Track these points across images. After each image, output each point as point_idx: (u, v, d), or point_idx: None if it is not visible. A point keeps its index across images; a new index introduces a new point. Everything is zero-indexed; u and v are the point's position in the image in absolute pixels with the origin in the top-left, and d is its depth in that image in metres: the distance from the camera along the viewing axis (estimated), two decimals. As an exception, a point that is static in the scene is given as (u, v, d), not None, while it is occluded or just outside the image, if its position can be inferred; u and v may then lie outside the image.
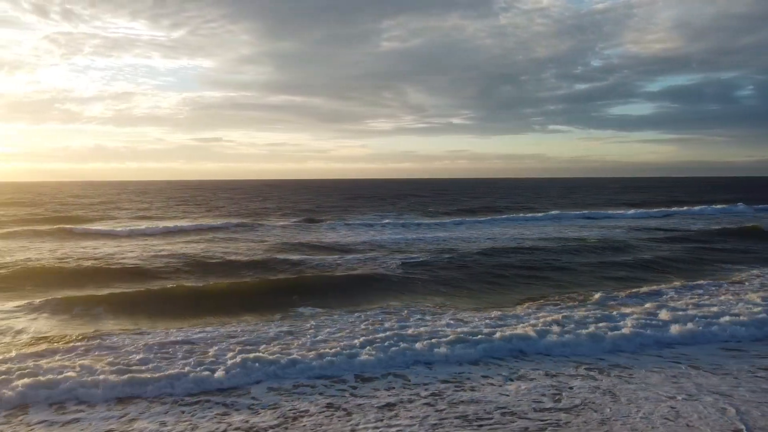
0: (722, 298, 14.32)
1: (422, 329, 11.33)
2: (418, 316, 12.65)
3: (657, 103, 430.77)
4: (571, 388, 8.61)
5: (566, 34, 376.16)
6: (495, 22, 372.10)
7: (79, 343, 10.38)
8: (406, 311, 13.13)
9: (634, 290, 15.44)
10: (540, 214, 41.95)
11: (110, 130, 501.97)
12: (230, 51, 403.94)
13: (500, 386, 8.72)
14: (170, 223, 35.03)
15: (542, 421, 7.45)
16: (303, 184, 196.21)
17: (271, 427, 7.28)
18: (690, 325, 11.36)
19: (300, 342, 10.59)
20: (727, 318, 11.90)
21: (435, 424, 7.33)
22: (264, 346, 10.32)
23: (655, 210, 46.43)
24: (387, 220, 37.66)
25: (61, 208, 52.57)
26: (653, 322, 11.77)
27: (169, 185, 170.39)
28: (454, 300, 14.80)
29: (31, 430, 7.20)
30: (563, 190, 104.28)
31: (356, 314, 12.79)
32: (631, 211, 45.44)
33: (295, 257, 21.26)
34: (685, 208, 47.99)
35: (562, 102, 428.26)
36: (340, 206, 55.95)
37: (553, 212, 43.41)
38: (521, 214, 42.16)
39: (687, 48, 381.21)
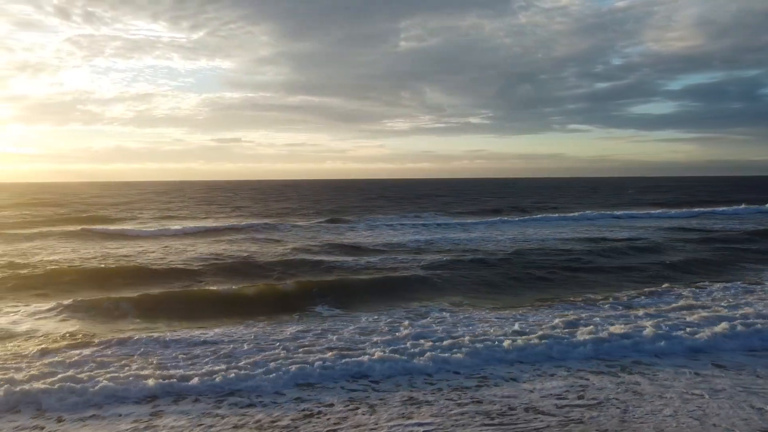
0: (752, 299, 14.19)
1: (442, 328, 11.51)
2: (437, 314, 12.82)
3: (678, 102, 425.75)
4: (594, 385, 8.64)
5: (586, 33, 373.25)
6: (514, 20, 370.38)
7: (107, 344, 10.59)
8: (429, 310, 13.29)
9: (660, 289, 15.38)
10: (571, 214, 41.54)
11: (131, 131, 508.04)
12: (249, 52, 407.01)
13: (523, 383, 8.79)
14: (196, 224, 35.47)
15: (565, 417, 7.50)
16: (322, 184, 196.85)
17: (294, 420, 7.44)
18: (718, 328, 11.21)
19: (326, 341, 10.78)
20: (757, 320, 11.73)
21: (457, 420, 7.41)
22: (290, 344, 10.54)
23: (682, 210, 45.71)
24: (414, 221, 37.65)
25: (86, 208, 53.34)
26: (680, 323, 11.66)
27: (189, 185, 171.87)
28: (486, 300, 14.82)
29: (65, 430, 7.35)
30: (586, 190, 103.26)
31: (381, 314, 12.95)
32: (657, 211, 44.86)
33: (325, 258, 21.19)
34: (710, 208, 47.31)
35: (582, 101, 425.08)
36: (363, 206, 56.00)
37: (582, 213, 42.63)
38: (548, 215, 41.79)
39: (709, 46, 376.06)
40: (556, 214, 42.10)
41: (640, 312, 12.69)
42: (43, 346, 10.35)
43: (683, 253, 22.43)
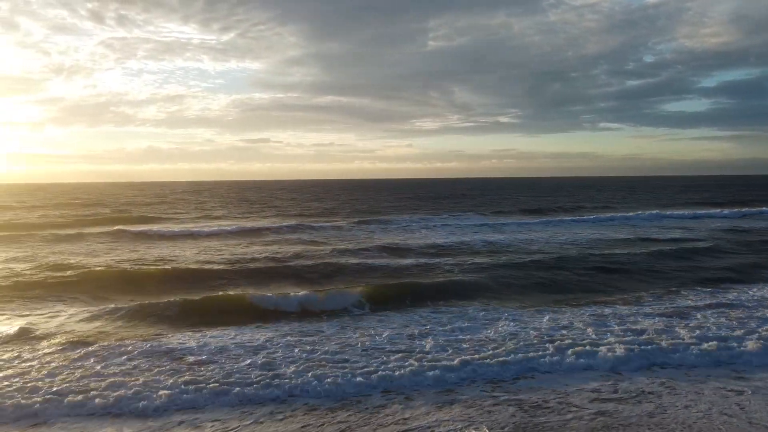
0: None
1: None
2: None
3: (712, 99, 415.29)
4: (629, 380, 8.73)
5: (617, 30, 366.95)
6: (543, 18, 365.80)
7: (150, 348, 10.21)
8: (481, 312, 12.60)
9: (710, 292, 15.02)
10: (627, 214, 40.23)
11: (163, 131, 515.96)
12: (278, 53, 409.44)
13: (558, 377, 8.92)
14: (240, 224, 35.19)
15: (598, 410, 7.56)
16: (352, 183, 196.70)
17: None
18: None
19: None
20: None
21: (491, 411, 7.56)
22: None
23: (733, 210, 44.02)
24: (466, 221, 36.96)
25: (125, 208, 53.68)
26: (725, 331, 11.08)
27: (220, 185, 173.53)
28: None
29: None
30: (623, 189, 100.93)
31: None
32: (702, 212, 43.54)
33: (373, 261, 20.68)
34: (756, 208, 45.69)
35: (613, 99, 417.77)
36: (397, 206, 55.30)
37: (637, 213, 41.02)
38: (599, 215, 40.60)
39: (744, 41, 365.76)
40: (608, 214, 40.81)
41: (699, 315, 12.21)
42: (96, 350, 9.85)
43: (741, 256, 21.45)
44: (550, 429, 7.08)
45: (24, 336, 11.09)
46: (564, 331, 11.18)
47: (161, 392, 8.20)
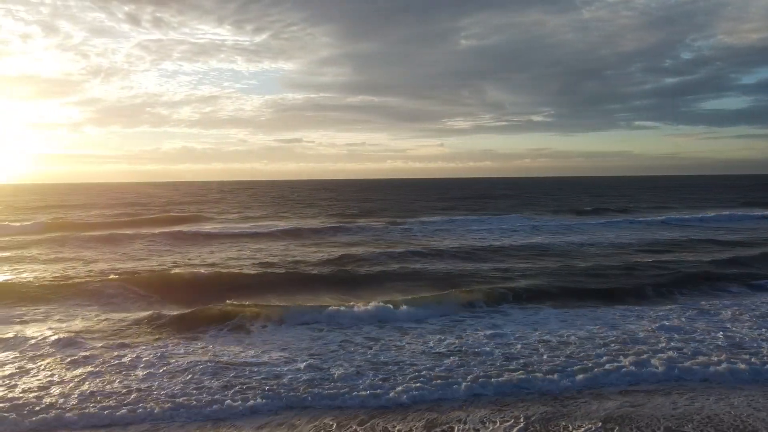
0: None
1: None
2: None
3: (753, 97, 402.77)
4: None
5: (654, 26, 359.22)
6: (578, 16, 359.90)
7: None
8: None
9: None
10: (695, 215, 38.18)
11: (197, 132, 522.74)
12: (311, 53, 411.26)
13: None
14: (293, 224, 34.79)
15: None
16: (386, 183, 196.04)
17: None
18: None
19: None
20: None
21: None
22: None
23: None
24: (534, 222, 35.92)
25: (170, 207, 53.99)
26: None
27: (256, 185, 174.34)
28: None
29: None
30: (669, 188, 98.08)
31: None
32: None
33: (455, 265, 20.25)
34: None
35: (650, 97, 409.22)
36: (439, 206, 54.38)
37: (709, 214, 38.88)
38: (670, 215, 39.07)
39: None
40: (669, 215, 39.24)
41: None
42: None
43: None
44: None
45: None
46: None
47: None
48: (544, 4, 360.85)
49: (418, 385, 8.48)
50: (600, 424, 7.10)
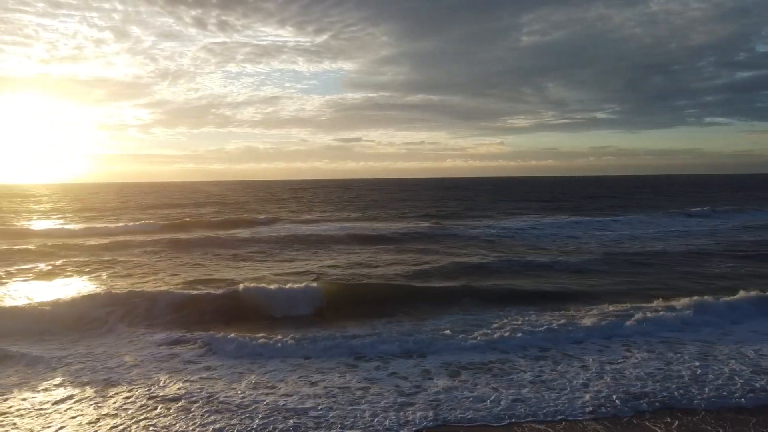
0: None
1: None
2: None
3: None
4: None
5: (727, 18, 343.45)
6: (645, 9, 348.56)
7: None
8: None
9: None
10: None
11: (260, 132, 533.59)
12: (370, 53, 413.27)
13: None
14: (398, 225, 33.50)
15: None
16: (452, 182, 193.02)
17: None
18: None
19: None
20: None
21: None
22: None
23: None
24: (669, 221, 34.03)
25: (258, 207, 53.80)
26: None
27: (316, 184, 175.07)
28: None
29: None
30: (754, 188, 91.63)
31: None
32: None
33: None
34: None
35: (722, 92, 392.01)
36: (534, 206, 52.07)
37: None
38: None
39: None
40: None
41: None
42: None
43: None
44: None
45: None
46: None
47: None
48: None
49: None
50: None
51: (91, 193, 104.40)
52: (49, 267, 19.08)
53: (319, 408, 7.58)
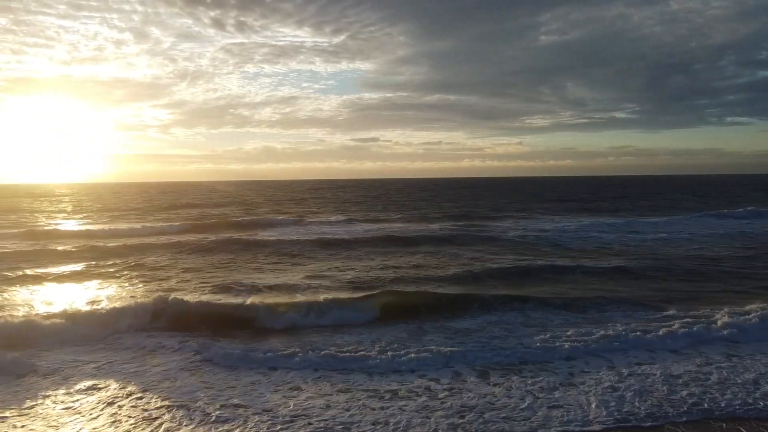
0: None
1: None
2: None
3: None
4: None
5: (749, 16, 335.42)
6: (665, 8, 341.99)
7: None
8: None
9: None
10: None
11: (278, 132, 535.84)
12: (388, 53, 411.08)
13: None
14: (424, 225, 32.43)
15: None
16: (471, 182, 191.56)
17: None
18: None
19: None
20: None
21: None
22: None
23: None
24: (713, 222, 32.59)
25: (282, 207, 53.08)
26: None
27: (335, 183, 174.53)
28: None
29: None
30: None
31: None
32: None
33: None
34: None
35: (743, 91, 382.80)
36: (565, 207, 50.60)
37: None
38: None
39: None
40: None
41: None
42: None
43: None
44: None
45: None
46: None
47: None
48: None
49: None
50: None
51: (112, 193, 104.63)
52: (78, 268, 18.61)
53: None
